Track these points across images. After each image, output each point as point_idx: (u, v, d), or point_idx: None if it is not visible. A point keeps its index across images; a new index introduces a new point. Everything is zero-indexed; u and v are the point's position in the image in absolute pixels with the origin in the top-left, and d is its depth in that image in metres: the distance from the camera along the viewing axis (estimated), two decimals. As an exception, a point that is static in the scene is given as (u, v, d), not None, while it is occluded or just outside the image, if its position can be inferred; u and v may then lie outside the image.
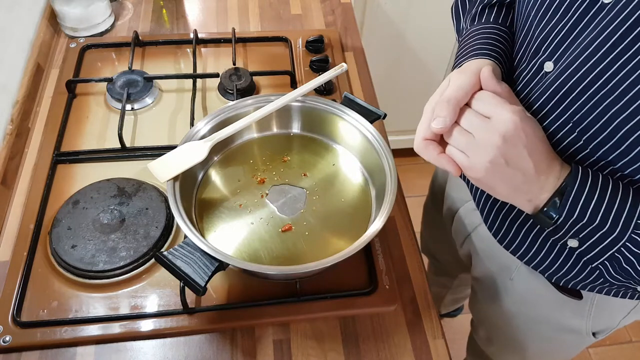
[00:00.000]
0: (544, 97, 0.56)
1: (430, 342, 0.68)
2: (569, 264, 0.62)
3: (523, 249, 0.66)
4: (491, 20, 0.67)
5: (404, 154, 1.95)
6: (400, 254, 0.76)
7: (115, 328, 0.65)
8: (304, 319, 0.68)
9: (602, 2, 0.49)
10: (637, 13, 0.45)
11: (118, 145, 0.81)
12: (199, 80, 0.93)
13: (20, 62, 0.91)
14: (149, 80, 0.91)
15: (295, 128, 0.79)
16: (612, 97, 0.48)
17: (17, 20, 0.93)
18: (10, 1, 0.91)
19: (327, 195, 0.72)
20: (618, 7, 0.47)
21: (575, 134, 0.53)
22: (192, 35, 0.99)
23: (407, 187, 1.88)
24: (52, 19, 1.01)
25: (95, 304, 0.67)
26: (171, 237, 0.73)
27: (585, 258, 0.55)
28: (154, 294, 0.68)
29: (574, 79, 0.51)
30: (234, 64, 0.94)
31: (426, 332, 0.69)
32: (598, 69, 0.49)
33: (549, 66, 0.56)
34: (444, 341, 0.68)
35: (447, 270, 1.20)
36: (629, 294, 0.64)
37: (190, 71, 0.94)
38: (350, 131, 0.75)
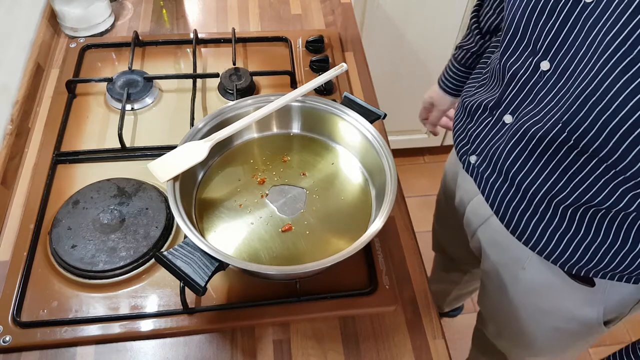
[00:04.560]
0: (540, 95, 0.58)
1: (430, 342, 0.68)
2: (579, 252, 0.63)
3: (535, 239, 0.66)
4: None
5: (404, 154, 1.96)
6: (400, 254, 0.76)
7: (115, 328, 0.65)
8: (304, 319, 0.68)
9: (584, 1, 0.50)
10: (626, 15, 0.46)
11: (118, 145, 0.81)
12: (199, 80, 0.93)
13: (20, 62, 0.91)
14: (149, 80, 0.91)
15: (295, 128, 0.79)
16: (597, 95, 0.49)
17: (17, 21, 0.93)
18: (10, 1, 0.91)
19: (327, 196, 0.72)
20: (600, 7, 0.48)
21: (566, 133, 0.55)
22: (192, 35, 0.99)
23: (407, 187, 1.89)
24: (52, 19, 1.01)
25: (95, 304, 0.67)
26: (171, 237, 0.73)
27: None
28: (154, 294, 0.68)
29: (571, 79, 0.53)
30: (234, 64, 0.94)
31: (426, 332, 0.69)
32: (594, 70, 0.49)
33: (545, 65, 0.57)
34: (444, 341, 0.68)
35: (458, 266, 1.20)
36: None
37: (190, 71, 0.94)
38: (350, 131, 0.75)
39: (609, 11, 0.47)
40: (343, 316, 0.69)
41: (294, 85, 0.94)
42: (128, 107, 0.88)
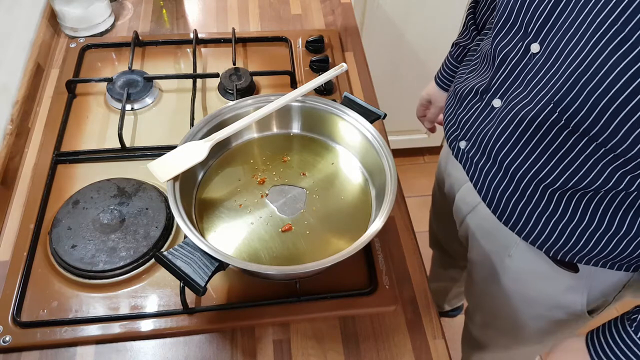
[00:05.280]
0: (529, 77, 0.59)
1: (430, 342, 0.68)
2: (565, 236, 0.64)
3: (521, 223, 0.67)
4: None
5: (404, 154, 1.96)
6: (400, 254, 0.76)
7: (115, 328, 0.65)
8: (304, 319, 0.68)
9: None
10: None
11: (118, 145, 0.81)
12: (199, 80, 0.93)
13: (20, 62, 0.91)
14: (149, 80, 0.91)
15: (295, 128, 0.79)
16: (589, 74, 0.50)
17: (17, 21, 0.93)
18: (10, 1, 0.91)
19: (327, 195, 0.72)
20: None
21: (557, 114, 0.56)
22: (192, 35, 0.99)
23: (407, 187, 1.89)
24: (52, 19, 1.01)
25: (95, 304, 0.67)
26: (171, 237, 0.73)
27: None
28: (154, 294, 0.68)
29: (560, 60, 0.53)
30: (234, 64, 0.94)
31: (426, 332, 0.69)
32: (586, 48, 0.50)
33: (535, 47, 0.57)
34: (444, 341, 0.68)
35: (456, 262, 1.20)
36: (623, 267, 0.66)
37: (190, 71, 0.94)
38: (350, 131, 0.75)
39: None
40: (343, 316, 0.69)
41: (294, 85, 0.94)
42: (128, 107, 0.88)
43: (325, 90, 0.92)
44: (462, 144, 0.73)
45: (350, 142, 0.76)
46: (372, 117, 0.74)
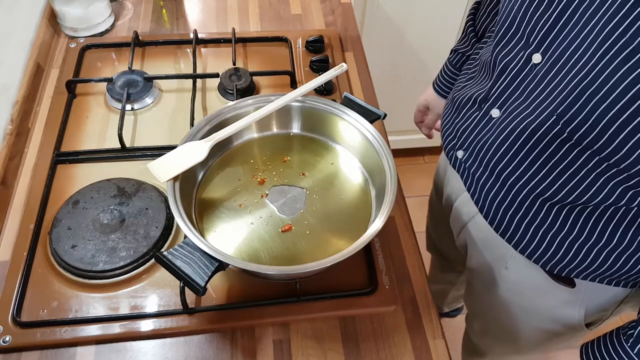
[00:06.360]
0: (530, 88, 0.58)
1: (430, 342, 0.68)
2: (562, 251, 0.63)
3: (518, 236, 0.67)
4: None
5: (404, 154, 1.96)
6: (400, 254, 0.76)
7: (115, 328, 0.65)
8: (304, 319, 0.68)
9: None
10: (627, 5, 0.46)
11: (118, 145, 0.81)
12: (199, 80, 0.93)
13: (20, 62, 0.91)
14: (149, 80, 0.91)
15: (295, 128, 0.79)
16: (595, 86, 0.50)
17: (17, 21, 0.93)
18: (10, 1, 0.91)
19: (327, 196, 0.72)
20: None
21: (560, 126, 0.55)
22: (192, 35, 0.99)
23: (407, 187, 1.89)
24: (52, 19, 1.01)
25: (95, 304, 0.67)
26: (171, 237, 0.73)
27: None
28: (154, 294, 0.68)
29: (564, 71, 0.53)
30: (234, 64, 0.94)
31: (426, 332, 0.69)
32: (592, 61, 0.49)
33: (537, 58, 0.57)
34: (444, 341, 0.68)
35: (453, 266, 1.20)
36: (621, 283, 0.65)
37: (190, 71, 0.94)
38: (350, 131, 0.75)
39: (609, 2, 0.47)
40: (343, 316, 0.69)
41: (294, 85, 0.94)
42: (128, 107, 0.88)
43: (325, 90, 0.92)
44: (460, 154, 0.72)
45: (350, 142, 0.76)
46: (372, 117, 0.74)
